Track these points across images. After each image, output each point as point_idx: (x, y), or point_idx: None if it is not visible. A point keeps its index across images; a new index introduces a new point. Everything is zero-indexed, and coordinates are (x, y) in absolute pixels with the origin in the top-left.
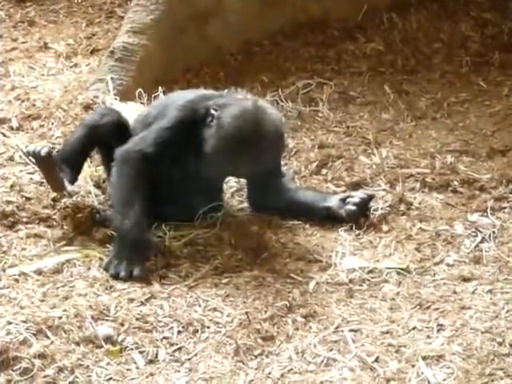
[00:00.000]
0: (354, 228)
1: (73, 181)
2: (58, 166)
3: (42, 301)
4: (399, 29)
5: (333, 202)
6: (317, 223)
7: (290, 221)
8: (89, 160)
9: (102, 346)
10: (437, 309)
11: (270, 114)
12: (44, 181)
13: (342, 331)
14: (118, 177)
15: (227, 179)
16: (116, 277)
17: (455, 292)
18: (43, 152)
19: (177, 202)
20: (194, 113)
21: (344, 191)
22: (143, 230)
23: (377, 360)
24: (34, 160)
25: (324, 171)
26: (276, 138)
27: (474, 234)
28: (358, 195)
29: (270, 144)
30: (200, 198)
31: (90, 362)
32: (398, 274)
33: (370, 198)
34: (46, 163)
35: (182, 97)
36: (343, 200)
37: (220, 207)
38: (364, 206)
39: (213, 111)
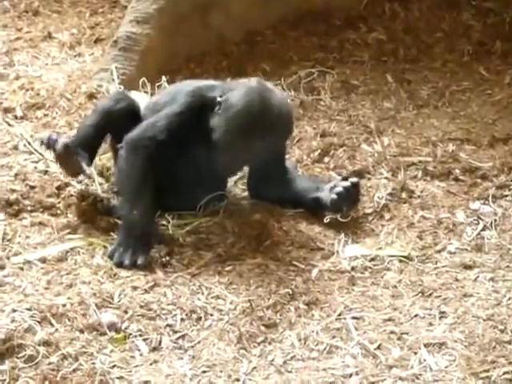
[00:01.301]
0: (338, 217)
1: (89, 164)
2: (75, 152)
3: (46, 288)
4: (401, 18)
5: (322, 192)
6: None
7: (293, 209)
8: None
9: (105, 334)
10: (439, 296)
11: (275, 90)
12: (48, 169)
13: (345, 318)
14: (127, 164)
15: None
16: (120, 265)
17: (457, 279)
18: (61, 145)
19: (180, 191)
20: (203, 99)
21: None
22: (150, 221)
23: (379, 347)
24: (51, 151)
25: (326, 159)
26: (284, 111)
27: (475, 221)
28: (342, 184)
29: (279, 116)
30: (204, 187)
31: (94, 350)
32: (400, 261)
33: (353, 185)
34: (63, 153)
35: (191, 84)
36: (332, 189)
37: (223, 196)
38: (347, 194)
39: (219, 98)
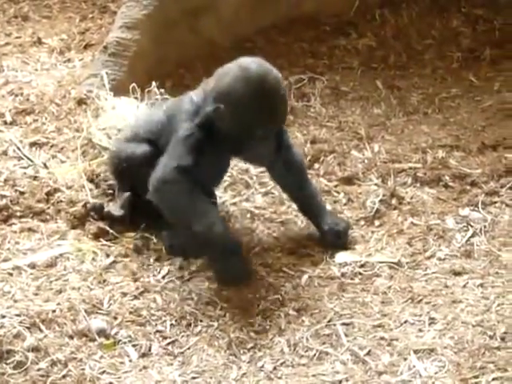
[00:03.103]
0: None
1: None
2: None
3: (35, 294)
4: (391, 25)
5: (323, 224)
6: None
7: (283, 215)
8: (82, 155)
9: (95, 340)
10: (428, 302)
11: (251, 58)
12: (38, 175)
13: (334, 325)
14: (171, 197)
15: None
16: (238, 282)
17: (446, 286)
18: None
19: None
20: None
21: (336, 186)
22: (229, 231)
23: (369, 353)
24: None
25: (316, 166)
26: (271, 67)
27: (465, 228)
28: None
29: (277, 77)
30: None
31: (84, 356)
32: (390, 267)
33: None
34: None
35: (183, 100)
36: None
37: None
38: (338, 235)
39: (210, 109)
